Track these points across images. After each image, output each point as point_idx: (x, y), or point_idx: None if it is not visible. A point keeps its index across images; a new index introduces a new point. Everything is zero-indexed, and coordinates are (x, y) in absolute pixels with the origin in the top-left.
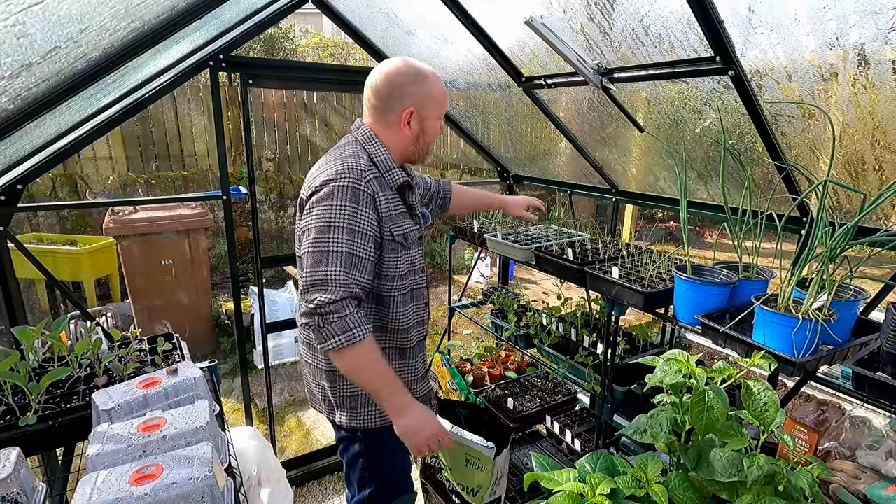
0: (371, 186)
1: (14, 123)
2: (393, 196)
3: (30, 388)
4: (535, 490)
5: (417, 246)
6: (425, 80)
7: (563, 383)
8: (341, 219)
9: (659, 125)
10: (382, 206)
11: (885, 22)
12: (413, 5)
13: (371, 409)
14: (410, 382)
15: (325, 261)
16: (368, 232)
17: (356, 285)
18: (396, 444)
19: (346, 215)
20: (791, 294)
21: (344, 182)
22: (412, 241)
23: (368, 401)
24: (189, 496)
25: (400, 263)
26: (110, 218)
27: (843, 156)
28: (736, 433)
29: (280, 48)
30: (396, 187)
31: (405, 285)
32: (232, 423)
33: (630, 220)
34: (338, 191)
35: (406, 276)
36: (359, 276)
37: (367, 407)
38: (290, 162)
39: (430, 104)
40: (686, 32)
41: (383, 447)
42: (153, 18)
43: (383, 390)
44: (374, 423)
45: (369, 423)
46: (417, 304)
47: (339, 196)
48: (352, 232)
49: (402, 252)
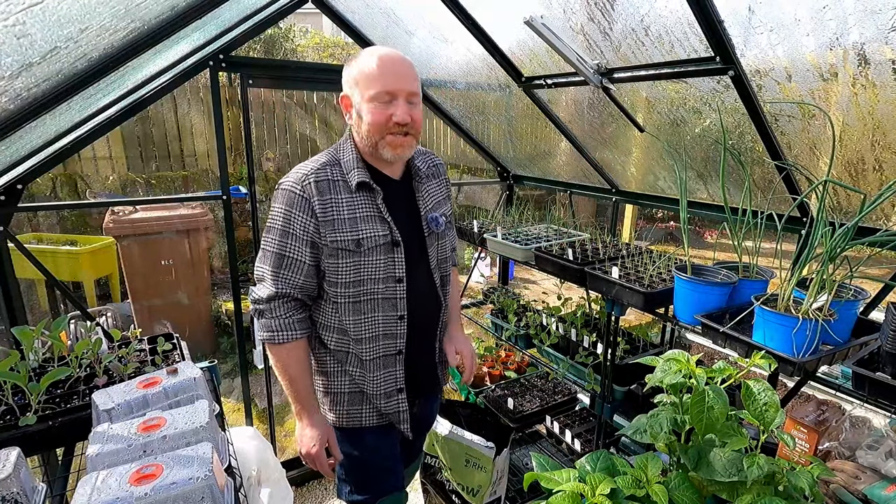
0: (308, 190)
1: (14, 123)
2: (349, 199)
3: (30, 388)
4: (535, 490)
5: (388, 253)
6: (355, 60)
7: (563, 383)
8: (276, 221)
9: (659, 125)
10: (319, 211)
11: (885, 22)
12: (413, 5)
13: (341, 409)
14: (373, 396)
15: (261, 259)
16: (301, 235)
17: (288, 285)
18: (382, 442)
19: (280, 218)
20: (791, 294)
21: (284, 186)
22: (372, 247)
23: (340, 399)
24: (189, 496)
25: (347, 270)
26: (110, 218)
27: (843, 156)
28: (736, 433)
29: (280, 48)
30: (354, 188)
31: (356, 293)
32: (232, 423)
33: (630, 220)
34: (280, 194)
35: (360, 283)
36: (291, 276)
37: (340, 406)
38: (290, 162)
39: (358, 83)
40: (686, 32)
41: (360, 444)
42: (153, 19)
43: (290, 394)
44: (343, 423)
45: (339, 420)
46: (385, 314)
47: (279, 199)
48: (284, 234)
49: (351, 258)
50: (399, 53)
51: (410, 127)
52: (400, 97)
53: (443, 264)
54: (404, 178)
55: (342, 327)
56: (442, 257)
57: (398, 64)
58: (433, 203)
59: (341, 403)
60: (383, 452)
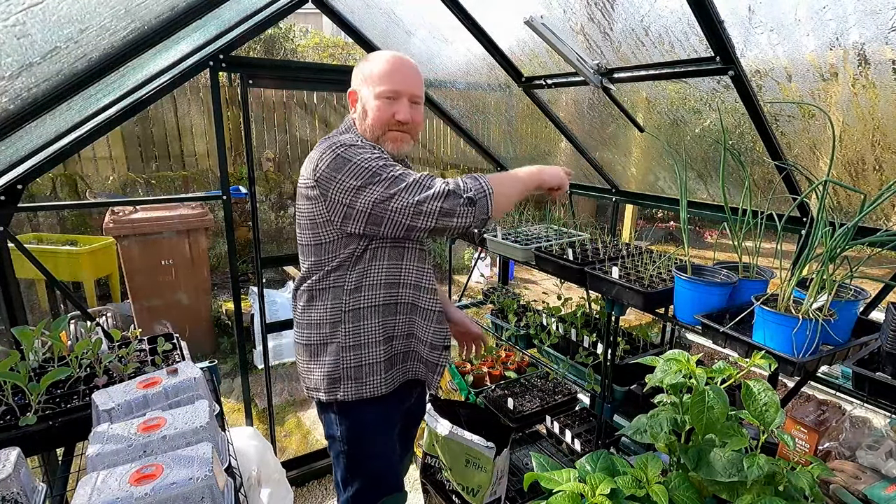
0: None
1: (14, 123)
2: None
3: (30, 388)
4: (535, 490)
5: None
6: (367, 60)
7: (563, 383)
8: (361, 154)
9: (659, 125)
10: None
11: (885, 22)
12: (413, 5)
13: (375, 378)
14: (420, 343)
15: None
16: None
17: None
18: (381, 439)
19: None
20: (791, 294)
21: (349, 141)
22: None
23: (371, 370)
24: (189, 496)
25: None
26: (110, 218)
27: (843, 156)
28: (736, 433)
29: (280, 48)
30: None
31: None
32: (232, 423)
33: (630, 220)
34: (340, 148)
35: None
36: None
37: (371, 377)
38: (290, 162)
39: (368, 81)
40: (686, 32)
41: (364, 438)
42: (153, 19)
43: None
44: (352, 396)
45: (347, 395)
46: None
47: (346, 146)
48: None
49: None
50: (410, 60)
51: (410, 126)
52: (404, 97)
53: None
54: None
55: (392, 280)
56: None
57: (407, 68)
58: None
59: (376, 373)
60: (384, 450)
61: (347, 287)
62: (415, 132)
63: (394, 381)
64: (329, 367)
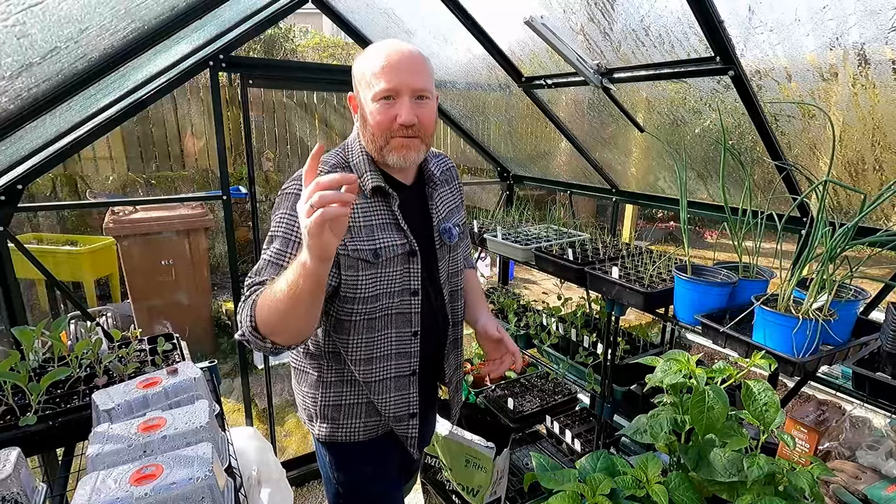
0: None
1: (14, 123)
2: (364, 205)
3: (30, 388)
4: (535, 490)
5: (404, 264)
6: (362, 55)
7: (563, 383)
8: (278, 228)
9: (659, 125)
10: None
11: (885, 22)
12: (413, 5)
13: (353, 422)
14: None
15: (255, 271)
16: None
17: None
18: (379, 468)
19: (283, 224)
20: (791, 294)
21: (289, 190)
22: (389, 257)
23: (351, 412)
24: (189, 496)
25: (366, 283)
26: (110, 218)
27: (843, 156)
28: (736, 433)
29: (280, 48)
30: (369, 194)
31: (373, 309)
32: (232, 423)
33: (630, 220)
34: (283, 199)
35: (377, 297)
36: None
37: (350, 419)
38: (290, 162)
39: (363, 81)
40: (686, 32)
41: (361, 468)
42: (153, 19)
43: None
44: (358, 437)
45: (351, 435)
46: (399, 331)
47: (283, 205)
48: (286, 242)
49: (370, 270)
50: (408, 47)
51: (418, 128)
52: (404, 95)
53: (453, 278)
54: (416, 183)
55: (335, 350)
56: (452, 271)
57: (406, 58)
58: (446, 211)
59: (357, 416)
60: (384, 478)
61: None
62: (425, 134)
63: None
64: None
